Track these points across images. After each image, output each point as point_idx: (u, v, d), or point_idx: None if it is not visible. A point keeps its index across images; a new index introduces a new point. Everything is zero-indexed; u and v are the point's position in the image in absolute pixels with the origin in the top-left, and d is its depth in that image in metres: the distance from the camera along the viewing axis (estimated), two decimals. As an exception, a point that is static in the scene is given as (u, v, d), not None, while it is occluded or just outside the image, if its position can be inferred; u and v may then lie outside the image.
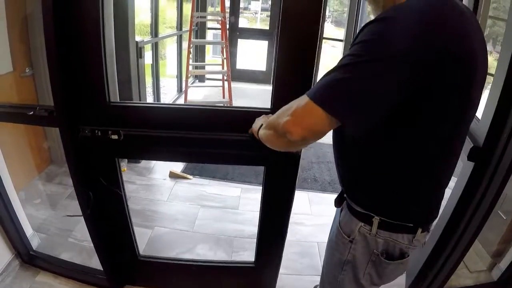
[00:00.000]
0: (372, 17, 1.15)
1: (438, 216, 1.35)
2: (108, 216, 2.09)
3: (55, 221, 3.08)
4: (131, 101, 3.60)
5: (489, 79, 1.32)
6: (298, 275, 2.65)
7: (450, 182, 1.27)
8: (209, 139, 1.78)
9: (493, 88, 1.76)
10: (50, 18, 1.52)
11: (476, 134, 1.86)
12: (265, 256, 2.29)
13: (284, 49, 1.59)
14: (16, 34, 3.18)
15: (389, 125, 1.05)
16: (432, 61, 0.92)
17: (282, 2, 1.51)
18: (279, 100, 1.59)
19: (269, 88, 7.44)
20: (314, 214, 3.42)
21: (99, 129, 1.75)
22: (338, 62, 0.98)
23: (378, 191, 1.21)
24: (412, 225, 1.22)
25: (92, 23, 1.58)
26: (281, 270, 2.39)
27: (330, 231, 1.50)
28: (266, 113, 1.57)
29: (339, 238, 1.35)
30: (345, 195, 1.36)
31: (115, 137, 1.75)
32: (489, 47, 5.16)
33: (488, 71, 1.14)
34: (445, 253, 2.07)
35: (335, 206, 1.47)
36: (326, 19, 8.70)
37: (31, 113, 1.82)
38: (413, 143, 1.08)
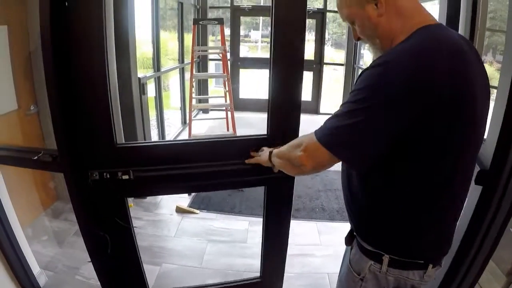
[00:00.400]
0: (371, 54, 1.27)
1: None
2: (117, 256, 2.07)
3: (62, 258, 3.06)
4: (138, 142, 3.65)
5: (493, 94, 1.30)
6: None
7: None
8: (215, 170, 1.90)
9: (497, 107, 1.75)
10: (50, 68, 1.57)
11: (483, 157, 1.83)
12: (270, 268, 2.43)
13: (276, 79, 1.82)
14: (21, 71, 3.23)
15: (390, 163, 1.10)
16: (429, 104, 0.99)
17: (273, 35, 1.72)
18: (274, 127, 1.89)
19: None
20: (323, 244, 3.37)
21: (108, 171, 1.77)
22: (343, 106, 1.08)
23: (386, 229, 1.22)
24: (422, 261, 1.22)
25: (98, 68, 1.62)
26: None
27: (340, 269, 1.51)
28: (263, 139, 1.88)
29: (350, 277, 1.35)
30: (354, 233, 1.36)
31: (125, 177, 1.78)
32: (489, 57, 5.20)
33: (491, 84, 1.17)
34: (458, 278, 2.05)
35: (346, 245, 1.47)
36: (326, 42, 8.80)
37: (35, 158, 1.83)
38: (416, 181, 1.11)
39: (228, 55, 6.26)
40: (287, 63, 1.78)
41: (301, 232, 3.54)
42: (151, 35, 5.38)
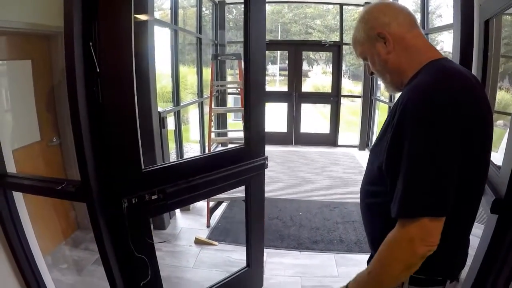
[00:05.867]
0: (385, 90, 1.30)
1: (467, 268, 1.35)
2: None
3: (81, 286, 3.11)
4: (160, 164, 3.69)
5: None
6: None
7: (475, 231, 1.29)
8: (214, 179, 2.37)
9: (511, 134, 1.76)
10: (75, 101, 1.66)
11: (498, 185, 1.84)
12: (253, 256, 3.00)
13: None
14: (44, 104, 3.37)
15: None
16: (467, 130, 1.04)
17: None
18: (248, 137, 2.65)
19: (291, 148, 7.48)
20: (341, 276, 3.32)
21: (136, 195, 1.91)
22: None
23: None
24: (441, 278, 1.24)
25: (127, 99, 1.84)
26: None
27: None
28: (243, 148, 2.62)
29: None
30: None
31: (154, 197, 1.95)
32: (505, 84, 5.18)
33: (507, 110, 1.23)
34: None
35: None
36: (344, 75, 8.90)
37: (59, 188, 1.91)
38: None
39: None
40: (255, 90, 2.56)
41: (319, 264, 3.52)
42: (171, 69, 5.53)
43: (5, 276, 2.30)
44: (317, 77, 14.33)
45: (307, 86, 13.06)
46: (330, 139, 8.39)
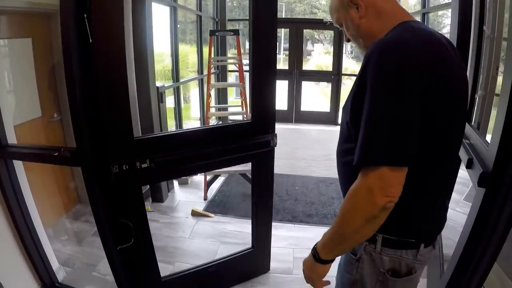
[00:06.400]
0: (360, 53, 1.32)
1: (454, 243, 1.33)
2: (135, 245, 2.21)
3: (80, 256, 3.23)
4: (153, 133, 3.82)
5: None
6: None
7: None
8: (212, 151, 2.34)
9: (499, 110, 1.75)
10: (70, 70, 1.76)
11: (486, 159, 1.85)
12: (259, 238, 2.89)
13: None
14: (45, 82, 3.45)
15: None
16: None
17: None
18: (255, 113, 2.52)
19: (291, 126, 7.49)
20: (333, 249, 3.40)
21: (127, 162, 1.97)
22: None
23: None
24: (414, 240, 1.25)
25: (118, 71, 1.84)
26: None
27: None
28: (248, 123, 2.46)
29: (347, 259, 1.38)
30: None
31: (144, 165, 2.00)
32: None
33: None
34: (463, 282, 2.02)
35: None
36: (348, 55, 8.88)
37: (56, 154, 2.02)
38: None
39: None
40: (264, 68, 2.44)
41: (312, 237, 3.57)
42: (170, 47, 5.59)
43: (6, 245, 2.41)
44: (320, 57, 14.27)
45: (310, 65, 13.04)
46: (330, 118, 8.45)
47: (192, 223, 3.89)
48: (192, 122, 7.92)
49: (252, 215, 2.83)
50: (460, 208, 3.58)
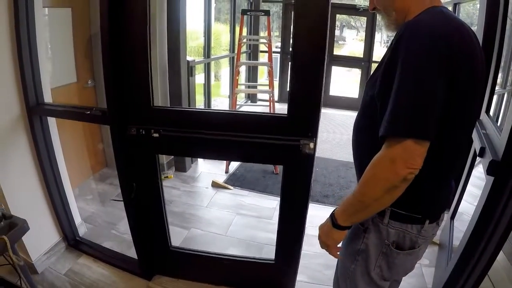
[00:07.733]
0: (387, 31, 1.37)
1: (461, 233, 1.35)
2: (146, 205, 2.37)
3: (102, 214, 3.43)
4: (169, 106, 3.95)
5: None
6: (320, 285, 2.71)
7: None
8: (233, 140, 2.03)
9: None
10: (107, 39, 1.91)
11: (495, 148, 1.86)
12: (284, 254, 2.43)
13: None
14: (82, 51, 3.64)
15: None
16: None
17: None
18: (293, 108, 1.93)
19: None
20: (345, 228, 3.47)
21: (144, 127, 2.08)
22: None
23: None
24: (420, 216, 1.30)
25: (141, 43, 1.95)
26: (305, 279, 2.58)
27: None
28: (282, 117, 1.94)
29: (355, 228, 1.43)
30: None
31: (156, 135, 2.07)
32: None
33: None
34: (468, 268, 2.02)
35: None
36: (383, 44, 8.79)
37: (88, 112, 2.22)
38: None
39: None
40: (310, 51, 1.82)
41: (325, 216, 3.62)
42: (203, 25, 5.70)
43: (35, 196, 2.59)
44: (355, 44, 14.11)
45: (344, 52, 12.90)
46: (358, 104, 8.27)
47: (211, 193, 4.04)
48: (221, 98, 8.05)
49: (278, 225, 2.35)
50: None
